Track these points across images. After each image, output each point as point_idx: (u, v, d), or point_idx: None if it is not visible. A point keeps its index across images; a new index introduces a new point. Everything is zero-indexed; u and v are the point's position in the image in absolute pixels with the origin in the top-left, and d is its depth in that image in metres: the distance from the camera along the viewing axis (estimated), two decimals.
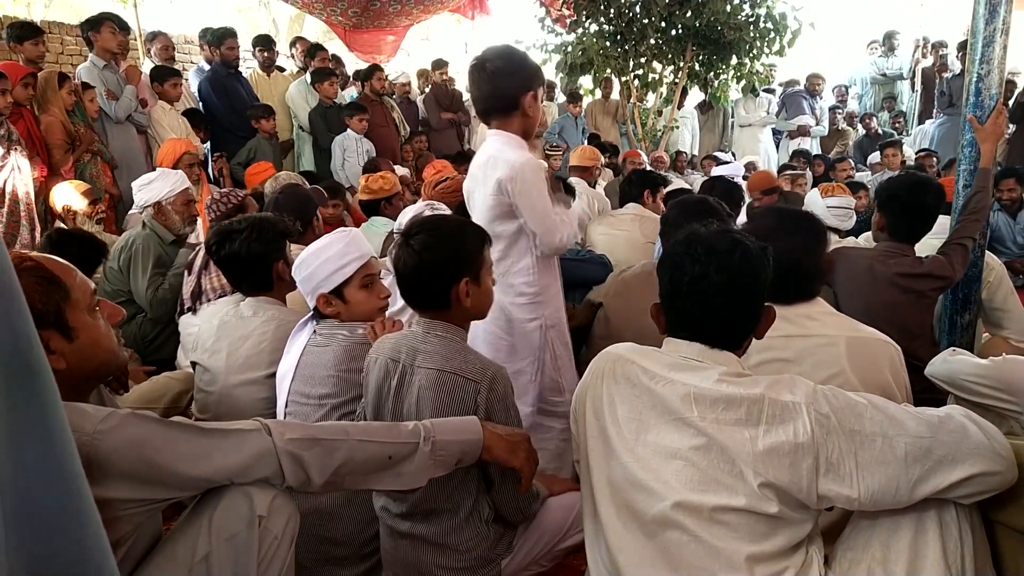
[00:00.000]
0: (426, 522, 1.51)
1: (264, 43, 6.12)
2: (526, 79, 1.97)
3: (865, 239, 3.22)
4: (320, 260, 1.76)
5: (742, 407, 1.16)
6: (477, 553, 1.50)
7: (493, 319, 1.99)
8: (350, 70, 7.43)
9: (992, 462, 1.14)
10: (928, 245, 2.44)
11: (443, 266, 1.49)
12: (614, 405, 1.28)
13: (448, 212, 2.67)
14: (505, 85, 1.95)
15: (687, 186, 5.27)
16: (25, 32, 4.23)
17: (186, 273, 2.79)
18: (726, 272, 1.23)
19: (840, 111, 8.98)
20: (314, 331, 1.80)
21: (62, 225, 3.48)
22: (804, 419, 1.13)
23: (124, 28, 5.01)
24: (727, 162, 6.79)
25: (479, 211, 2.01)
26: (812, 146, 8.45)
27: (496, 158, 1.94)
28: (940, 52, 8.70)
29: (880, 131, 8.38)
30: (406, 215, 2.58)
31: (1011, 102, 6.60)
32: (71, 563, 0.53)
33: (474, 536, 1.50)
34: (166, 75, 5.03)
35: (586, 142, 7.33)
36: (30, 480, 0.49)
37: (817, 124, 8.62)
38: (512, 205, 1.93)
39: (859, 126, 8.99)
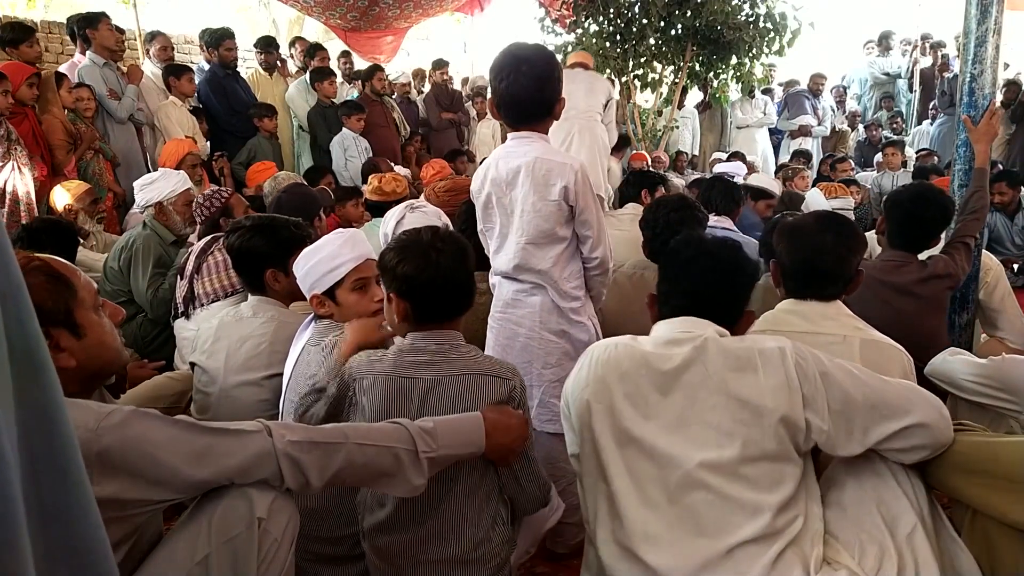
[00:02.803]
0: (451, 541, 1.45)
1: (266, 45, 6.12)
2: (560, 85, 1.91)
3: (871, 236, 3.20)
4: (314, 261, 1.76)
5: (740, 356, 1.32)
6: (502, 556, 1.48)
7: (546, 326, 1.99)
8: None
9: (933, 416, 1.33)
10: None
11: (470, 277, 1.51)
12: (618, 387, 1.35)
13: (430, 209, 2.64)
14: (548, 89, 1.88)
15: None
16: (18, 35, 4.18)
17: (178, 277, 2.79)
18: (714, 257, 1.42)
19: (834, 113, 8.95)
20: (312, 331, 1.80)
21: None
22: (789, 360, 1.30)
23: (118, 29, 5.02)
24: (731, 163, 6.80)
25: (527, 217, 1.92)
26: (813, 146, 8.43)
27: (545, 160, 1.87)
28: (940, 52, 8.71)
29: (883, 138, 8.37)
30: (389, 221, 2.56)
31: (1014, 102, 6.64)
32: (72, 556, 0.54)
33: (500, 542, 1.48)
34: (181, 71, 5.09)
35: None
36: (37, 475, 0.50)
37: (819, 124, 8.61)
38: (574, 209, 1.90)
39: (860, 129, 8.98)
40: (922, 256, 2.33)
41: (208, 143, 5.34)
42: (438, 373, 1.45)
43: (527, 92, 1.86)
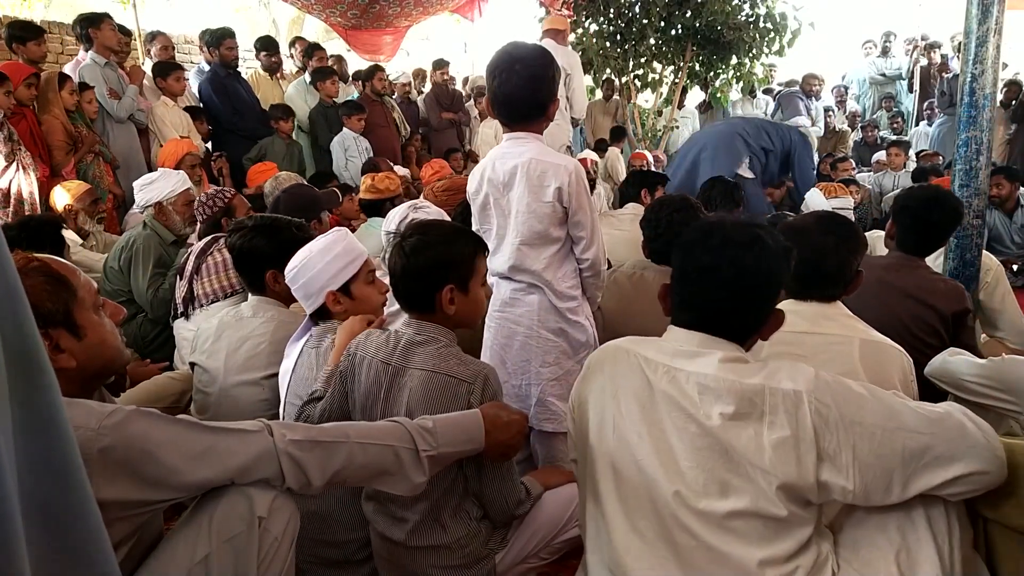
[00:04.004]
0: (415, 527, 1.50)
1: (268, 46, 6.10)
2: (555, 86, 1.90)
3: (871, 236, 3.18)
4: (329, 257, 1.77)
5: (744, 399, 1.14)
6: (470, 550, 1.51)
7: (544, 324, 1.99)
8: (352, 69, 7.41)
9: (987, 462, 1.14)
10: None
11: (428, 270, 1.50)
12: (619, 400, 1.26)
13: (432, 210, 2.65)
14: (542, 90, 1.88)
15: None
16: (27, 33, 4.20)
17: (177, 277, 2.79)
18: (737, 267, 1.20)
19: (833, 113, 8.91)
20: (311, 333, 1.80)
21: None
22: (805, 409, 1.12)
23: (124, 32, 5.01)
24: None
25: (521, 218, 1.93)
26: None
27: (540, 161, 1.88)
28: (940, 52, 8.71)
29: (879, 139, 8.36)
30: (392, 221, 2.57)
31: (1015, 101, 6.65)
32: (72, 557, 0.54)
33: (464, 534, 1.50)
34: (169, 69, 5.04)
35: (585, 147, 7.36)
36: (35, 475, 0.50)
37: (813, 125, 8.59)
38: (568, 211, 1.91)
39: (859, 131, 8.97)
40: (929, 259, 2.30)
41: (209, 143, 5.33)
42: (404, 364, 1.50)
43: (520, 92, 1.87)
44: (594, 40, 7.48)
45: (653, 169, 6.38)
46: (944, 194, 2.33)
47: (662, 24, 7.42)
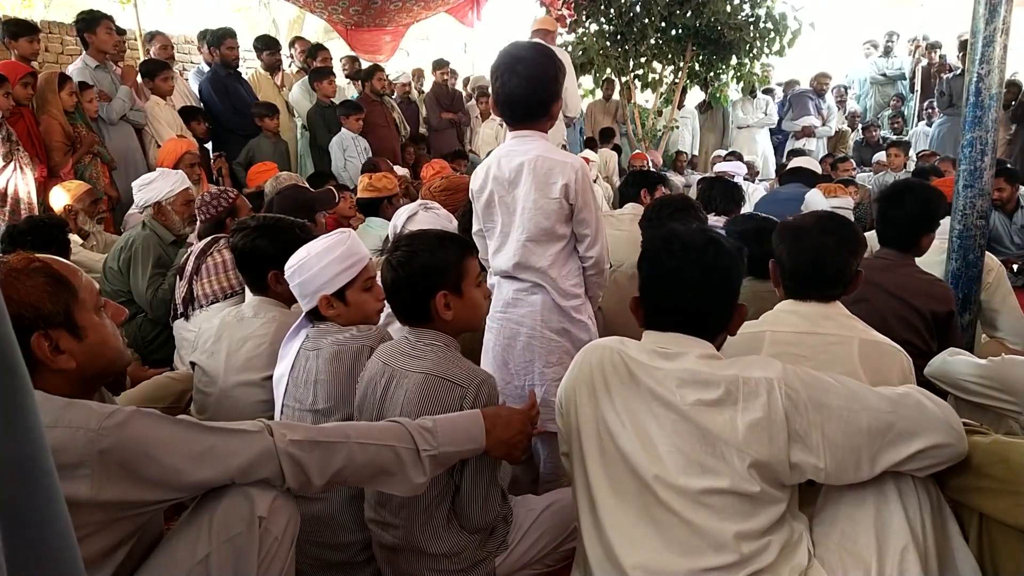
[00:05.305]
0: (406, 533, 1.50)
1: (269, 45, 6.09)
2: (557, 85, 1.91)
3: (871, 236, 3.17)
4: (325, 261, 1.74)
5: (720, 387, 1.24)
6: (467, 555, 1.51)
7: (548, 324, 1.99)
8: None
9: (946, 435, 1.26)
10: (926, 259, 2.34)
11: (416, 280, 1.51)
12: (610, 393, 1.33)
13: (440, 211, 2.65)
14: (544, 90, 1.89)
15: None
16: (20, 29, 4.21)
17: (177, 277, 2.78)
18: (701, 267, 1.31)
19: (835, 114, 8.92)
20: (307, 335, 1.78)
21: None
22: (776, 394, 1.22)
23: (119, 30, 5.00)
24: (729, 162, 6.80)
25: (528, 214, 1.92)
26: (818, 147, 8.41)
27: (546, 158, 1.88)
28: (939, 52, 8.72)
29: (880, 139, 8.35)
30: (400, 216, 2.57)
31: (1014, 102, 6.65)
32: (39, 562, 0.53)
33: (459, 541, 1.50)
34: (157, 69, 5.00)
35: (585, 146, 7.36)
36: (3, 479, 0.49)
37: (824, 124, 8.56)
38: (574, 208, 1.91)
39: (859, 131, 8.97)
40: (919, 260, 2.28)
41: (209, 143, 5.32)
42: (403, 367, 1.51)
43: (521, 91, 1.87)
44: (594, 40, 7.49)
45: (652, 169, 6.39)
46: (912, 186, 2.31)
47: (662, 24, 7.43)
